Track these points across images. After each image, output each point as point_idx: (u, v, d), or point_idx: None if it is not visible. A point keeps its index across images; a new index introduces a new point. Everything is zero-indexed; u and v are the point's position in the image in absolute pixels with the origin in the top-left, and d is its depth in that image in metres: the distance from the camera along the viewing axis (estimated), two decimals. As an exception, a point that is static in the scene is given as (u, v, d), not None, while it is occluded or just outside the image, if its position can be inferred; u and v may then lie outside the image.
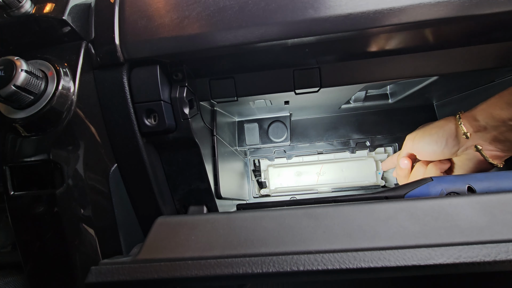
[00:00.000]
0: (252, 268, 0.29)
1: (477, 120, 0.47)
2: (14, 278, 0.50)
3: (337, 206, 0.34)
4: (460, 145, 0.50)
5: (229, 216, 0.35)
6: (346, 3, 0.36)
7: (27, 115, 0.36)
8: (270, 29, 0.37)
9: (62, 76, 0.37)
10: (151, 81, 0.40)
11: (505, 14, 0.35)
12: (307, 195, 0.78)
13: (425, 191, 0.41)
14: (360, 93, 0.70)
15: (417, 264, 0.27)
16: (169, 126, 0.42)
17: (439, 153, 0.53)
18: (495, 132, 0.45)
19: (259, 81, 0.47)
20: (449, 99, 0.70)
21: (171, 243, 0.33)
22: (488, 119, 0.45)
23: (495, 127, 0.45)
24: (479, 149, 0.48)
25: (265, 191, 0.81)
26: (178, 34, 0.38)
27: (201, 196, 0.49)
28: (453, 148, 0.51)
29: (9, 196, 0.39)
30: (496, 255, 0.27)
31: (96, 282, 0.31)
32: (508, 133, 0.44)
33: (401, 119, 0.75)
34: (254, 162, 0.83)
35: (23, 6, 0.37)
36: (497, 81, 0.56)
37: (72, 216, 0.38)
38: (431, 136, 0.54)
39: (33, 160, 0.38)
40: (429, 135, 0.54)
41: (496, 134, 0.45)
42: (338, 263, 0.28)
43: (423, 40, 0.41)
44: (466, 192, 0.39)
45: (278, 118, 0.76)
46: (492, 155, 0.47)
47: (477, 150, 0.48)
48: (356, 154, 0.78)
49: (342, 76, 0.46)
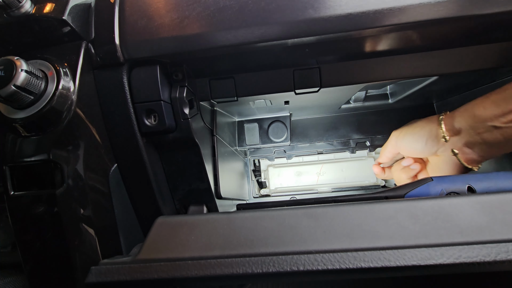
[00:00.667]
0: (252, 268, 0.29)
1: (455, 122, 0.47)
2: (14, 278, 0.50)
3: (337, 206, 0.34)
4: (439, 145, 0.50)
5: (229, 216, 0.35)
6: (346, 3, 0.36)
7: (27, 115, 0.36)
8: (270, 29, 0.37)
9: (62, 76, 0.37)
10: (151, 81, 0.40)
11: (505, 14, 0.35)
12: (307, 195, 0.78)
13: (425, 191, 0.41)
14: (360, 93, 0.70)
15: (417, 264, 0.27)
16: (169, 126, 0.42)
17: (419, 152, 0.54)
18: (473, 134, 0.45)
19: (259, 81, 0.47)
20: (449, 99, 0.70)
21: (171, 243, 0.33)
22: (469, 119, 0.45)
23: (474, 128, 0.45)
24: (456, 153, 0.48)
25: (265, 191, 0.81)
26: (178, 34, 0.38)
27: (201, 196, 0.49)
28: (432, 148, 0.51)
29: (9, 196, 0.39)
30: (496, 255, 0.27)
31: (96, 282, 0.31)
32: (486, 134, 0.43)
33: (401, 119, 0.75)
34: (254, 162, 0.83)
35: (23, 6, 0.37)
36: (497, 81, 0.56)
37: (72, 216, 0.38)
38: (413, 135, 0.55)
39: (33, 160, 0.38)
40: (411, 134, 0.55)
41: (474, 137, 0.45)
42: (338, 263, 0.28)
43: (423, 40, 0.41)
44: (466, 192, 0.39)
45: (278, 118, 0.76)
46: (469, 158, 0.47)
47: (453, 154, 0.48)
48: (356, 154, 0.78)
49: (342, 76, 0.46)
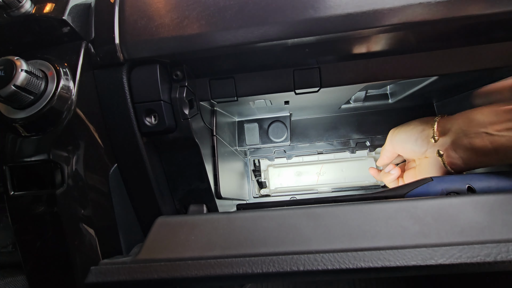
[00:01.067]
0: (252, 268, 0.29)
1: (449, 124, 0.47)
2: (14, 278, 0.50)
3: (337, 206, 0.34)
4: (428, 146, 0.50)
5: (229, 216, 0.35)
6: (346, 3, 0.36)
7: (27, 115, 0.36)
8: (270, 29, 0.37)
9: (62, 76, 0.37)
10: (151, 81, 0.40)
11: (505, 14, 0.35)
12: (307, 195, 0.78)
13: (425, 191, 0.41)
14: (360, 93, 0.70)
15: (417, 264, 0.27)
16: (169, 126, 0.42)
17: (410, 151, 0.54)
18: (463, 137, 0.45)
19: (259, 81, 0.47)
20: (449, 99, 0.70)
21: (171, 243, 0.33)
22: (463, 123, 0.45)
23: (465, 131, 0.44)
24: (441, 155, 0.48)
25: (265, 191, 0.81)
26: (178, 34, 0.38)
27: (201, 196, 0.49)
28: (421, 147, 0.51)
29: (9, 196, 0.39)
30: (497, 255, 0.27)
31: (96, 282, 0.31)
32: (477, 139, 0.43)
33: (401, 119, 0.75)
34: (254, 162, 0.83)
35: (23, 6, 0.37)
36: (497, 81, 0.55)
37: (72, 216, 0.38)
38: (405, 133, 0.55)
39: (33, 160, 0.38)
40: (404, 131, 0.55)
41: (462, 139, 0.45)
42: (338, 263, 0.28)
43: (423, 40, 0.41)
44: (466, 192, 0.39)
45: (278, 118, 0.76)
46: (453, 162, 0.47)
47: (438, 155, 0.48)
48: (356, 154, 0.78)
49: (342, 76, 0.46)
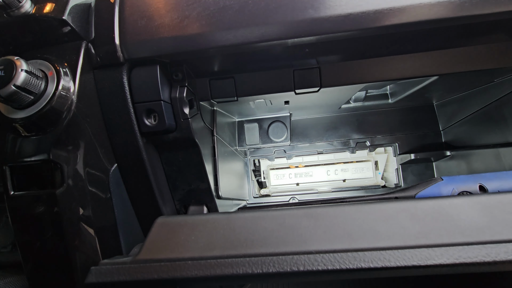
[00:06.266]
0: (252, 268, 0.29)
1: None
2: (14, 278, 0.50)
3: (337, 206, 0.34)
4: None
5: (229, 216, 0.35)
6: (346, 3, 0.36)
7: (27, 115, 0.36)
8: (270, 29, 0.37)
9: (62, 76, 0.37)
10: (151, 81, 0.40)
11: (505, 14, 0.35)
12: (307, 195, 0.78)
13: (436, 191, 0.40)
14: (360, 93, 0.70)
15: (417, 264, 0.27)
16: (169, 126, 0.42)
17: None
18: None
19: (259, 81, 0.47)
20: (449, 99, 0.70)
21: (171, 243, 0.33)
22: None
23: None
24: None
25: (265, 191, 0.81)
26: (178, 34, 0.38)
27: (201, 196, 0.49)
28: None
29: (9, 196, 0.39)
30: (496, 255, 0.27)
31: (96, 282, 0.31)
32: None
33: (401, 119, 0.75)
34: (254, 162, 0.83)
35: (23, 6, 0.37)
36: (497, 81, 0.55)
37: (72, 216, 0.38)
38: None
39: (33, 160, 0.38)
40: None
41: None
42: (338, 263, 0.28)
43: (423, 40, 0.41)
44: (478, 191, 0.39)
45: (278, 118, 0.76)
46: None
47: None
48: (356, 154, 0.78)
49: (342, 76, 0.46)
